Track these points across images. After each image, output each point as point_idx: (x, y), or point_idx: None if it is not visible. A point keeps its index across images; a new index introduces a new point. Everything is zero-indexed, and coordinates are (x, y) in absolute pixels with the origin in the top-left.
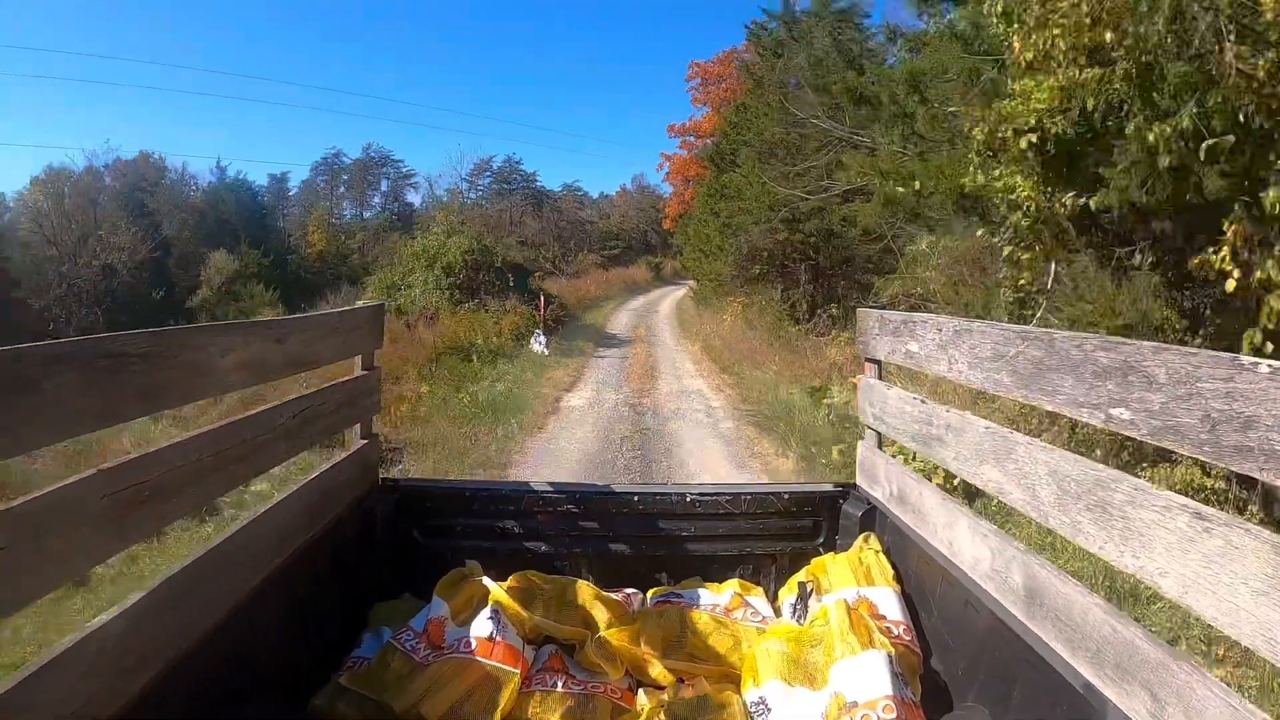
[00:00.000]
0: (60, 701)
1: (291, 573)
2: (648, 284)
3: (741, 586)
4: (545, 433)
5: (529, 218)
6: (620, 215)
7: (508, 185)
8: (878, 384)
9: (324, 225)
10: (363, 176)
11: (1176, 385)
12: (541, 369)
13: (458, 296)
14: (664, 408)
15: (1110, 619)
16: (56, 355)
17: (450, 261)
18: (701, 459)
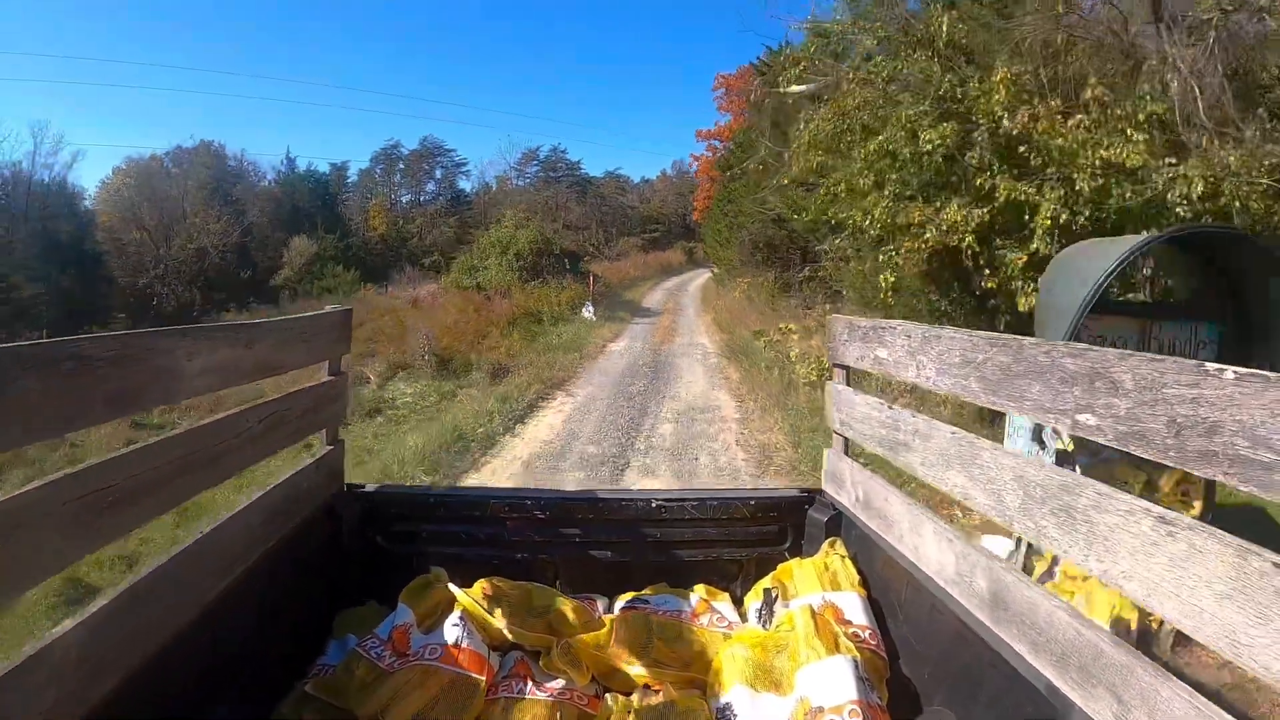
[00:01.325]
0: (21, 709)
1: (256, 579)
2: (681, 266)
3: (707, 592)
4: (595, 362)
5: (573, 203)
6: (660, 200)
7: (554, 173)
8: (845, 390)
9: (384, 211)
10: (419, 165)
11: (1142, 391)
12: (591, 329)
13: (525, 276)
14: (675, 351)
15: (1075, 622)
16: (19, 358)
17: (520, 249)
18: (689, 374)
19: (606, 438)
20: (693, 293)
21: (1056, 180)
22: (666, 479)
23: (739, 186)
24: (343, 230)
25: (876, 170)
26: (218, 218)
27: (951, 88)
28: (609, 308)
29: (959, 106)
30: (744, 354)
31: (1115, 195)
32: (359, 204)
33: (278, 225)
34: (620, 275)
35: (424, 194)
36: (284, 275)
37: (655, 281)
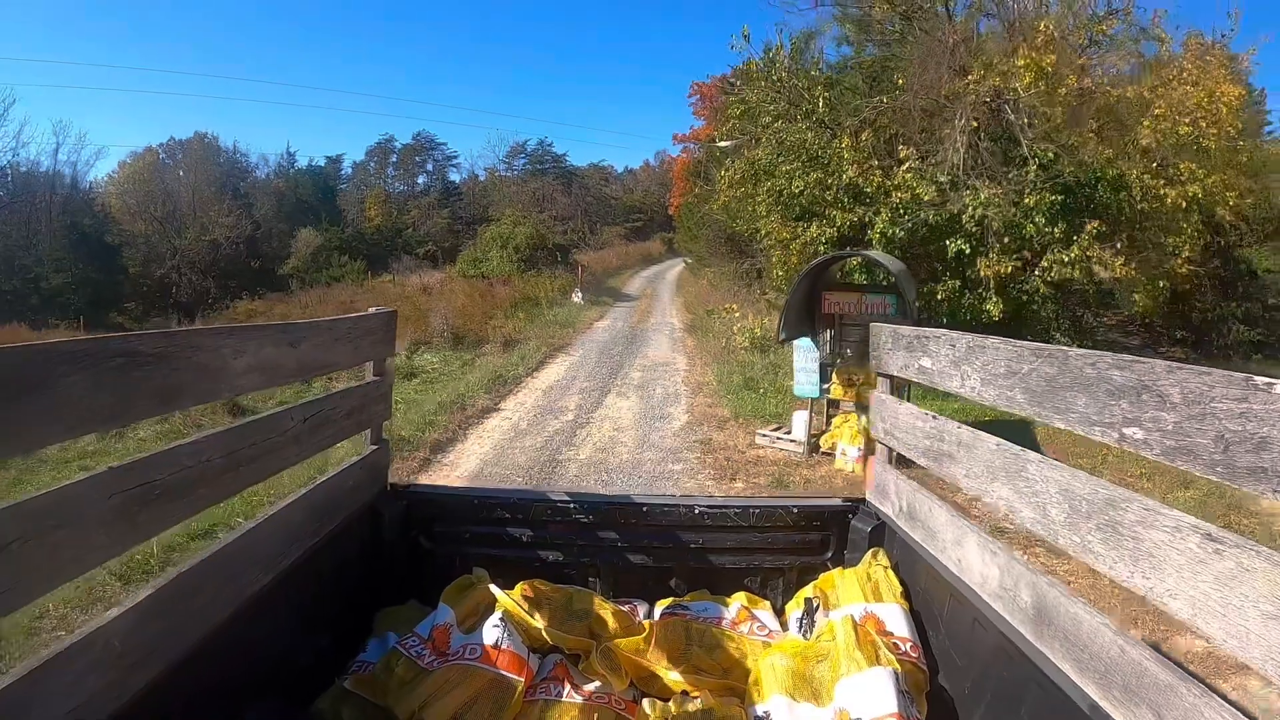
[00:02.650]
0: (63, 696)
1: (298, 575)
2: (661, 256)
3: (748, 600)
4: (585, 335)
5: (559, 194)
6: (643, 190)
7: (540, 166)
8: (889, 399)
9: (380, 202)
10: (411, 159)
11: (1190, 405)
12: (580, 311)
13: (523, 266)
14: (649, 327)
15: (1119, 639)
16: (68, 354)
17: (518, 243)
18: (657, 343)
19: (595, 378)
20: (669, 280)
21: (883, 207)
22: (633, 399)
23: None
24: (340, 221)
25: (768, 202)
26: (228, 211)
27: (820, 148)
28: (595, 293)
29: (823, 160)
30: (701, 329)
31: (923, 215)
32: (354, 196)
33: (281, 217)
34: (604, 264)
35: (416, 186)
36: (291, 265)
37: (636, 270)
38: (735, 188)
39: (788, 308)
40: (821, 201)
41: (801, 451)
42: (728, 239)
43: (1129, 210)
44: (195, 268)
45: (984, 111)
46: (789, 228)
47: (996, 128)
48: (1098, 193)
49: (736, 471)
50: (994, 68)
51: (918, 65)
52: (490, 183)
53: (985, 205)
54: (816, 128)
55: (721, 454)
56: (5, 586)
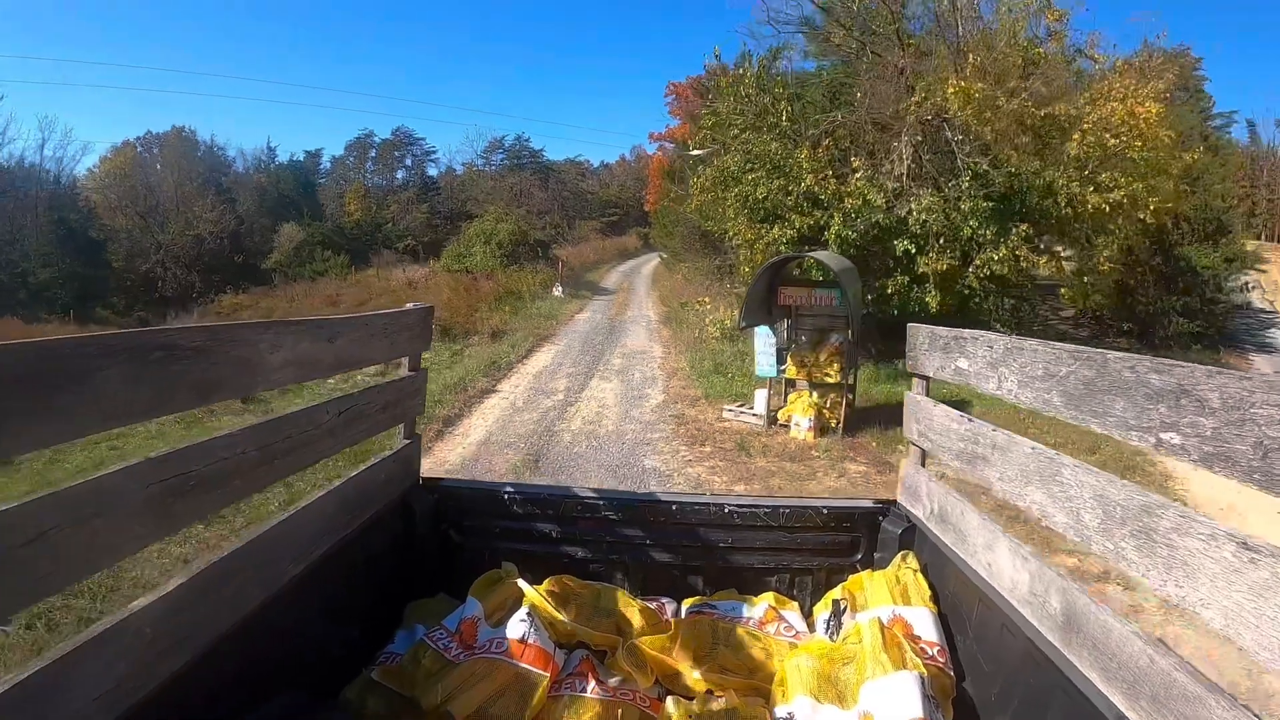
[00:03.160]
0: (93, 682)
1: (329, 567)
2: (637, 251)
3: (776, 600)
4: (567, 326)
5: (536, 189)
6: (619, 185)
7: (518, 161)
8: (924, 400)
9: (360, 197)
10: (390, 154)
11: (1229, 410)
12: (561, 304)
13: (505, 261)
14: (626, 319)
15: (1148, 649)
16: (109, 347)
17: (501, 239)
18: (635, 333)
19: (580, 365)
20: (645, 275)
21: (837, 212)
22: (615, 382)
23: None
24: (320, 216)
25: (735, 206)
26: (211, 206)
27: (783, 158)
28: (574, 288)
29: (785, 168)
30: (676, 320)
31: (873, 219)
32: (334, 190)
33: (263, 212)
34: (582, 259)
35: (395, 181)
36: (274, 259)
37: (612, 265)
38: (707, 192)
39: (748, 299)
40: (783, 206)
41: (762, 423)
42: (701, 236)
43: (1056, 214)
44: (180, 262)
45: (927, 128)
46: (754, 229)
47: (938, 142)
48: (1028, 199)
49: (705, 439)
50: (933, 91)
51: (870, 85)
52: (468, 177)
53: (927, 210)
54: (780, 139)
55: (693, 425)
56: (44, 572)
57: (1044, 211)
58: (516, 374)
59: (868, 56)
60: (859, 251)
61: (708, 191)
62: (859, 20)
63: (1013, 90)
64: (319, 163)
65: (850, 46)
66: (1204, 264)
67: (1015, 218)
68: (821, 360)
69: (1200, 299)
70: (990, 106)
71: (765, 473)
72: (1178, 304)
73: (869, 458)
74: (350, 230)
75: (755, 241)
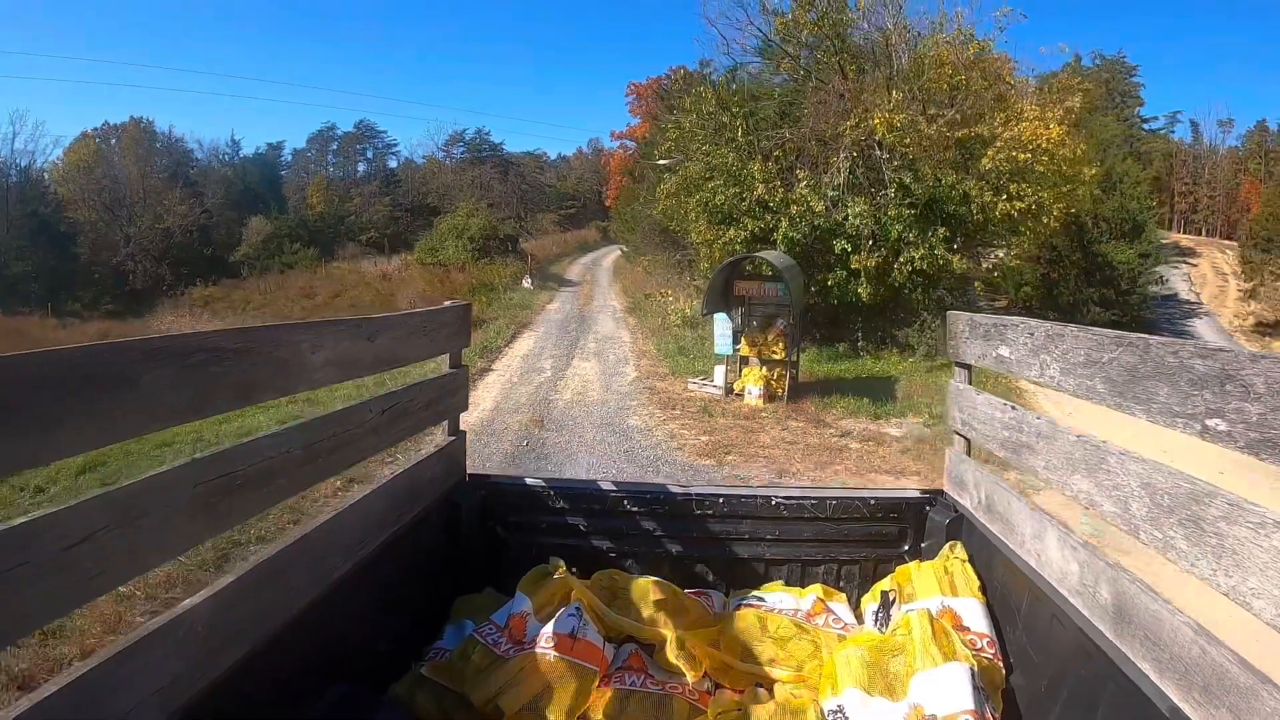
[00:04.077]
0: (149, 677)
1: (377, 563)
2: (596, 243)
3: (824, 592)
4: (541, 315)
5: (496, 182)
6: (576, 178)
7: (479, 154)
8: (967, 389)
9: (322, 190)
10: (352, 146)
11: (1276, 395)
12: (532, 295)
13: (477, 255)
14: (594, 309)
15: (1200, 639)
16: (155, 350)
17: (473, 233)
18: (604, 321)
19: (560, 348)
20: (606, 267)
21: (784, 217)
22: (593, 362)
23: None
24: (283, 208)
25: (697, 210)
26: (180, 199)
27: (738, 168)
28: (541, 280)
29: (740, 178)
30: (640, 310)
31: (816, 222)
32: (296, 183)
33: (229, 205)
34: (545, 252)
35: (356, 174)
36: (243, 252)
37: (574, 257)
38: (672, 197)
39: (709, 291)
40: (738, 210)
41: (720, 393)
42: (661, 232)
43: (971, 220)
44: (149, 255)
45: (860, 147)
46: (713, 230)
47: (870, 159)
48: (945, 207)
49: (675, 405)
50: (865, 119)
51: (814, 108)
52: (429, 170)
53: (860, 216)
54: (736, 151)
55: (664, 395)
56: (93, 572)
57: (960, 217)
58: (506, 356)
59: (813, 81)
60: (804, 250)
61: (672, 197)
62: (805, 51)
63: (931, 117)
64: (280, 155)
65: (798, 74)
66: (1120, 259)
67: (936, 222)
68: (769, 340)
69: (1116, 291)
70: (912, 132)
71: (724, 428)
72: (1095, 295)
73: (806, 417)
74: (313, 223)
75: (714, 241)
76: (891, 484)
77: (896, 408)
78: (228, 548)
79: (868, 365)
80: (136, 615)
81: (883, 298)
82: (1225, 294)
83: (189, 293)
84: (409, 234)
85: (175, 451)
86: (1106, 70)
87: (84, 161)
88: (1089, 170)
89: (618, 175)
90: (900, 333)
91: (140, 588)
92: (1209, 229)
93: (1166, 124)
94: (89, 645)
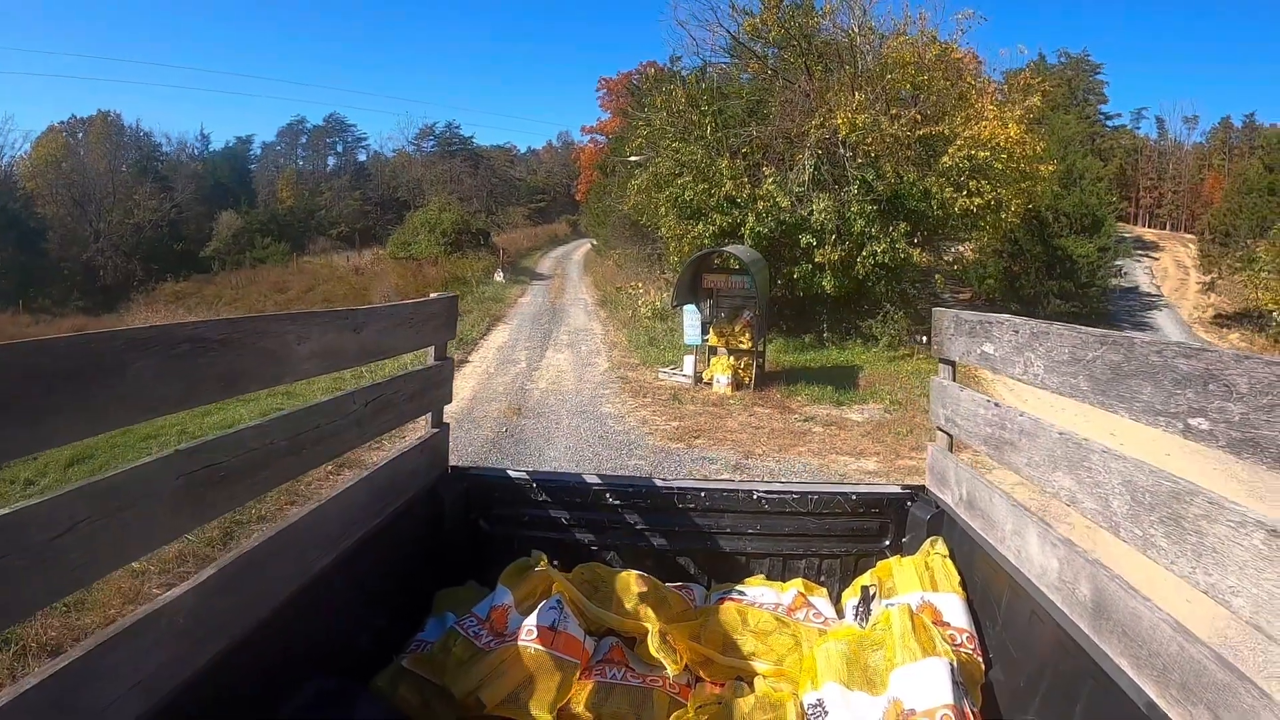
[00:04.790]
0: (129, 669)
1: (359, 555)
2: (566, 237)
3: (805, 586)
4: (514, 308)
5: (466, 176)
6: (546, 171)
7: (449, 148)
8: (950, 385)
9: (292, 183)
10: (321, 140)
11: (1258, 395)
12: (504, 289)
13: (449, 249)
14: (566, 302)
15: (1178, 636)
16: (138, 341)
17: (445, 228)
18: (575, 314)
19: (534, 340)
20: (576, 260)
21: (750, 212)
22: (566, 353)
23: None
24: (253, 202)
25: (667, 205)
26: (150, 194)
27: (707, 165)
28: (513, 273)
29: (708, 174)
30: (611, 303)
31: (782, 218)
32: (265, 177)
33: (199, 200)
34: (516, 245)
35: (326, 167)
36: (213, 247)
37: (545, 251)
38: (643, 193)
39: (678, 284)
40: (707, 206)
41: (690, 381)
42: (632, 226)
43: (931, 215)
44: (119, 250)
45: (825, 145)
46: (682, 225)
47: (834, 157)
48: (907, 202)
49: (646, 393)
50: (829, 118)
51: (781, 106)
52: (399, 164)
53: (824, 211)
54: (705, 149)
55: (635, 384)
56: (77, 564)
57: (921, 213)
58: (482, 348)
59: (780, 81)
60: (770, 244)
61: (643, 192)
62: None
63: (894, 116)
64: (250, 149)
65: (765, 73)
66: (1080, 253)
67: (897, 218)
68: (737, 331)
69: (1076, 284)
70: (875, 130)
71: (693, 414)
72: (1056, 288)
73: (773, 404)
74: (284, 217)
75: (683, 236)
76: (851, 464)
77: (859, 395)
78: (231, 526)
79: (832, 355)
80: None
81: (847, 290)
82: (1186, 287)
83: (160, 288)
84: (379, 228)
85: (161, 444)
86: (1071, 68)
87: (52, 156)
88: (1047, 167)
89: (588, 169)
90: (864, 324)
91: (154, 563)
92: (1173, 223)
93: (1133, 120)
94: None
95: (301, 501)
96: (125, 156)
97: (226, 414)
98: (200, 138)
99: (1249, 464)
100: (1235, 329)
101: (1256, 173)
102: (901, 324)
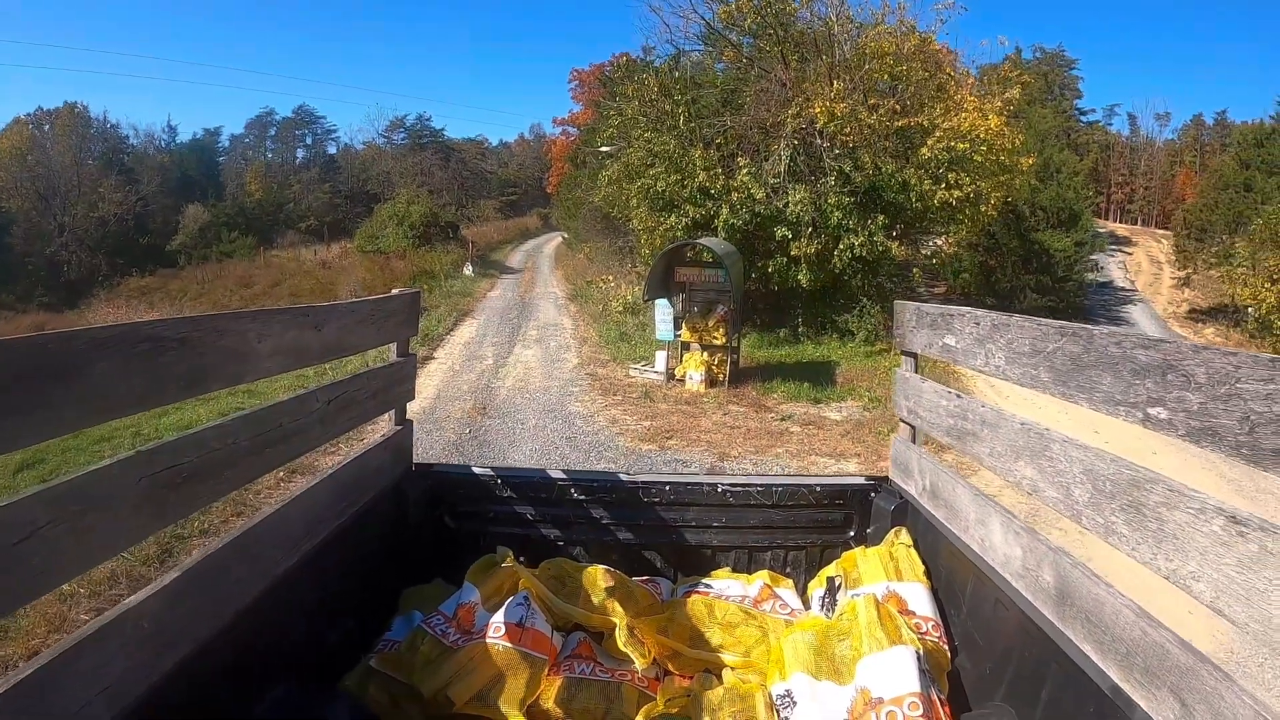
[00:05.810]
0: (95, 676)
1: (324, 555)
2: (538, 230)
3: (771, 578)
4: (482, 303)
5: (437, 169)
6: (518, 164)
7: (420, 141)
8: (912, 377)
9: (260, 176)
10: (291, 132)
11: (1216, 385)
12: (473, 283)
13: (417, 242)
14: (536, 296)
15: (1141, 621)
16: (98, 340)
17: (413, 221)
18: (545, 308)
19: (502, 335)
20: (548, 254)
21: (724, 204)
22: (535, 349)
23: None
24: (221, 195)
25: (639, 197)
26: (116, 187)
27: (680, 155)
28: (483, 267)
29: (681, 165)
30: (582, 297)
31: (757, 209)
32: (234, 169)
33: (166, 192)
34: (486, 239)
35: (295, 160)
36: (179, 241)
37: (515, 244)
38: (614, 184)
39: (650, 277)
40: (680, 197)
41: (662, 378)
42: (603, 219)
43: (910, 208)
44: (84, 245)
45: (801, 135)
46: (654, 217)
47: (810, 147)
48: (885, 194)
49: (617, 391)
50: (806, 107)
51: (756, 96)
52: (369, 156)
53: (800, 203)
54: (678, 139)
55: (605, 381)
56: (39, 569)
57: (899, 205)
58: (448, 344)
59: (755, 70)
60: (745, 237)
61: (614, 184)
62: (748, 39)
63: (872, 106)
64: (218, 141)
65: (740, 62)
66: (1056, 247)
67: (875, 210)
68: (710, 326)
69: (1052, 278)
70: (852, 121)
71: (666, 413)
72: (1032, 282)
73: (748, 402)
74: (252, 210)
75: (655, 228)
76: (831, 465)
77: (836, 392)
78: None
79: (808, 350)
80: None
81: (823, 284)
82: (1160, 281)
83: (125, 283)
84: (349, 221)
85: (114, 446)
86: (1047, 63)
87: (17, 149)
88: (1026, 161)
89: (560, 162)
90: (840, 318)
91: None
92: (1145, 218)
93: (1105, 116)
94: (34, 646)
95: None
96: (91, 149)
97: (184, 414)
98: (167, 129)
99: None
100: (1210, 324)
101: (1231, 169)
102: (878, 318)
